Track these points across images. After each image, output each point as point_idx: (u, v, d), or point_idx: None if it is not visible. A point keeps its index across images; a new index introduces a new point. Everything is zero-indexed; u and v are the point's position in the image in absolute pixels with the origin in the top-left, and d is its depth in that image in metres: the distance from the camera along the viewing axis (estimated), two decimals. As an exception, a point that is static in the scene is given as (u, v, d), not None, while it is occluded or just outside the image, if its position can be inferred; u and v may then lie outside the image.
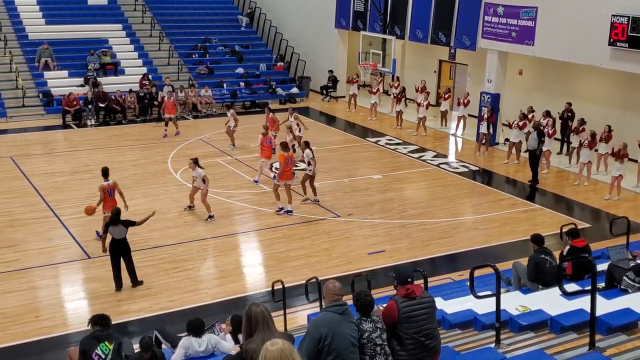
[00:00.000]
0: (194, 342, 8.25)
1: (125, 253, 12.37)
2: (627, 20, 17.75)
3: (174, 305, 11.96)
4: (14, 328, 11.16)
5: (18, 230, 15.07)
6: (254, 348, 4.96)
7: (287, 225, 15.72)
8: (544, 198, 18.12)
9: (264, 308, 5.24)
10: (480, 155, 21.63)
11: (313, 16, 30.21)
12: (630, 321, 7.71)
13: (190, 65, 29.04)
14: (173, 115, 22.96)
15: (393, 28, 26.07)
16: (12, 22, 28.24)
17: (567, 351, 6.88)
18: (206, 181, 15.65)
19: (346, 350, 5.74)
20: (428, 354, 6.25)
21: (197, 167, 15.65)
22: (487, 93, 22.67)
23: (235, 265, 13.82)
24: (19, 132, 23.34)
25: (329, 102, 29.16)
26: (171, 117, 22.87)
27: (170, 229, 15.24)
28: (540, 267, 10.05)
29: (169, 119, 22.88)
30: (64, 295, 12.46)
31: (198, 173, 15.62)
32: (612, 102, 21.05)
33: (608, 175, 18.54)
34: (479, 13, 22.64)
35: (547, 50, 20.74)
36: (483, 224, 16.26)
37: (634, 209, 16.92)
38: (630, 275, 9.01)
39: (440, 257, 14.33)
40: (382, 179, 19.34)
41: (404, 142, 22.98)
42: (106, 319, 8.10)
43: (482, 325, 8.39)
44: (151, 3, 31.34)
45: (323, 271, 12.83)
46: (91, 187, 17.76)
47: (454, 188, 18.70)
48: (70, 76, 26.65)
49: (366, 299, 6.10)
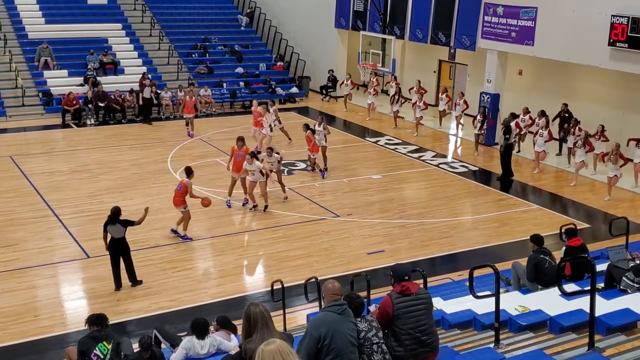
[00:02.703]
0: (196, 344, 8.13)
1: (124, 252, 12.37)
2: (627, 20, 17.75)
3: (174, 305, 11.96)
4: (13, 327, 11.15)
5: (17, 230, 15.06)
6: (253, 348, 4.96)
7: (287, 225, 15.72)
8: (543, 198, 18.12)
9: (263, 308, 5.24)
10: (479, 155, 21.64)
11: (313, 16, 30.21)
12: (629, 321, 7.71)
13: (189, 64, 29.04)
14: (192, 115, 23.00)
15: (393, 28, 26.08)
16: (12, 21, 28.21)
17: (567, 351, 6.89)
18: (264, 172, 15.98)
19: (345, 350, 5.75)
20: (425, 350, 6.26)
21: (255, 160, 15.86)
22: (486, 93, 22.68)
23: (235, 265, 13.82)
24: (18, 132, 23.33)
25: (328, 102, 29.16)
26: (190, 117, 22.90)
27: (169, 228, 15.23)
28: (540, 268, 10.05)
29: (188, 118, 22.90)
30: (63, 295, 12.46)
31: (256, 166, 15.83)
32: (612, 103, 21.05)
33: (604, 175, 18.54)
34: (479, 13, 22.65)
35: (546, 51, 20.74)
36: (482, 224, 16.26)
37: (633, 209, 16.93)
38: (630, 276, 9.02)
39: (440, 257, 14.34)
40: (381, 179, 19.34)
41: (403, 142, 22.98)
42: (103, 319, 8.09)
43: (481, 325, 8.39)
44: (151, 2, 31.33)
45: (322, 271, 12.83)
46: (91, 186, 17.83)
47: (453, 188, 18.70)
48: (70, 75, 26.64)
49: (357, 301, 6.22)
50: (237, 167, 16.48)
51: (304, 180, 18.79)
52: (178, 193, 14.44)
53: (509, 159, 19.44)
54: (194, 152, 21.06)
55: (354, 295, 6.31)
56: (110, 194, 17.17)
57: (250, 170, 15.99)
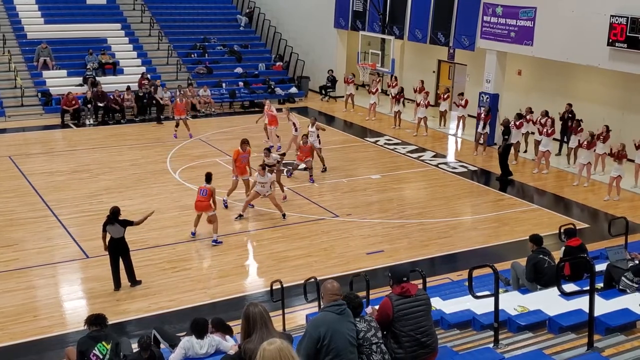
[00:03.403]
0: (195, 344, 8.15)
1: (123, 253, 12.37)
2: (626, 20, 17.75)
3: (173, 305, 11.96)
4: (13, 327, 11.15)
5: (17, 230, 15.06)
6: (253, 348, 4.97)
7: (286, 225, 15.72)
8: (543, 198, 18.13)
9: (262, 308, 5.25)
10: (479, 155, 21.65)
11: (312, 16, 30.20)
12: (628, 321, 7.72)
13: (189, 65, 29.03)
14: (183, 117, 22.99)
15: (392, 28, 26.08)
16: (11, 21, 28.20)
17: (566, 351, 6.89)
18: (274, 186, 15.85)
19: (345, 350, 5.76)
20: (425, 352, 6.27)
21: (267, 173, 15.62)
22: (486, 93, 22.68)
23: (234, 265, 13.81)
24: (17, 132, 23.31)
25: (327, 102, 29.15)
26: (181, 118, 22.89)
27: (169, 228, 15.23)
28: (539, 268, 10.05)
29: (179, 119, 22.91)
30: (62, 295, 12.46)
31: (268, 178, 15.62)
32: (611, 103, 21.05)
33: (606, 175, 18.56)
34: (478, 13, 22.65)
35: (546, 51, 20.75)
36: (482, 224, 16.27)
37: (632, 209, 16.93)
38: (629, 276, 9.02)
39: (439, 257, 14.33)
40: (381, 179, 19.34)
41: (402, 142, 22.98)
42: (102, 319, 8.08)
43: (480, 325, 8.39)
44: (150, 3, 31.31)
45: (322, 271, 12.83)
46: (90, 186, 17.83)
47: (452, 188, 18.70)
48: (69, 75, 26.63)
49: (356, 301, 6.22)
50: (241, 170, 16.45)
51: (304, 180, 18.78)
52: (204, 198, 14.40)
53: (506, 159, 19.46)
54: (193, 153, 21.06)
55: (352, 296, 6.32)
56: (110, 194, 17.17)
57: (261, 182, 15.50)
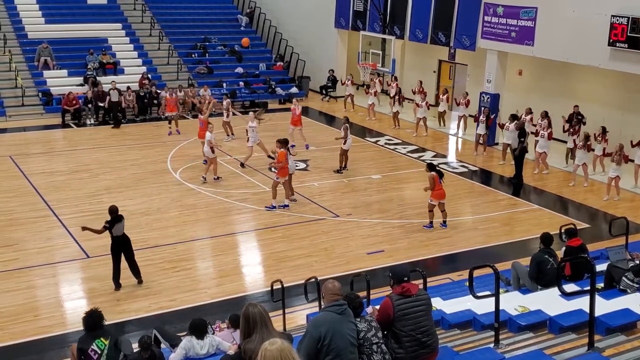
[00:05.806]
0: (195, 344, 8.16)
1: (126, 249, 12.33)
2: (627, 20, 17.75)
3: (173, 305, 11.96)
4: (13, 327, 11.16)
5: (17, 230, 15.06)
6: (253, 348, 4.97)
7: (286, 225, 15.72)
8: (543, 198, 18.12)
9: (261, 308, 5.24)
10: (479, 156, 21.64)
11: (312, 16, 30.20)
12: (629, 322, 7.71)
13: (189, 64, 29.03)
14: (174, 113, 23.04)
15: (393, 28, 26.07)
16: (12, 21, 28.20)
17: (566, 351, 6.89)
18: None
19: (345, 350, 5.75)
20: (425, 352, 6.26)
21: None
22: (486, 93, 22.67)
23: (235, 265, 13.82)
24: (18, 131, 23.31)
25: (328, 102, 29.14)
26: (172, 116, 22.94)
27: (169, 228, 15.24)
28: (542, 267, 10.05)
29: (171, 117, 22.92)
30: (62, 295, 12.46)
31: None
32: (612, 103, 21.04)
33: (605, 175, 18.54)
34: (479, 13, 22.64)
35: (546, 51, 20.74)
36: (482, 224, 16.26)
37: (632, 209, 16.92)
38: (629, 276, 9.02)
39: (440, 257, 14.33)
40: (381, 179, 19.34)
41: (403, 142, 22.98)
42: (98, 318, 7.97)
43: (481, 325, 8.39)
44: (151, 2, 31.31)
45: (322, 271, 12.82)
46: (90, 186, 17.82)
47: (453, 188, 18.63)
48: (70, 75, 26.64)
49: (357, 301, 6.24)
50: (284, 172, 16.41)
51: (304, 180, 18.79)
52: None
53: (522, 161, 19.13)
54: (194, 152, 21.04)
55: (353, 295, 6.32)
56: (110, 194, 17.16)
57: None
